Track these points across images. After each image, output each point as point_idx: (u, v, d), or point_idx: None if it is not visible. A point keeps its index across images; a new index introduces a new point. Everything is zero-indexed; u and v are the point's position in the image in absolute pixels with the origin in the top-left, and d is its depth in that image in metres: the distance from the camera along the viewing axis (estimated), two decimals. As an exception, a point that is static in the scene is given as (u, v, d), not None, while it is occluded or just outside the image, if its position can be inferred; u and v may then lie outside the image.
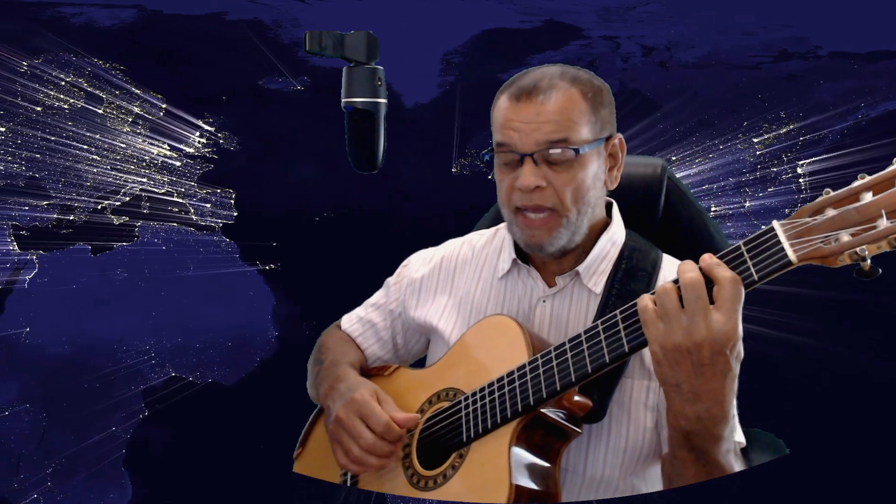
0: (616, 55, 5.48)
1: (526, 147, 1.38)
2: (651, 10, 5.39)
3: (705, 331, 1.09)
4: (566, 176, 1.38)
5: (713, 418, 1.14)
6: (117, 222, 5.34)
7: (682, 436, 1.18)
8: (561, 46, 5.44)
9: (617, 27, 5.43)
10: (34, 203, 5.31)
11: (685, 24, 5.41)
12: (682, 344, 1.10)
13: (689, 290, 1.11)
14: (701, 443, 1.17)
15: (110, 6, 5.34)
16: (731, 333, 1.09)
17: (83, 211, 5.32)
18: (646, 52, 5.51)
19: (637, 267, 1.44)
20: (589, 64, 5.42)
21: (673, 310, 1.12)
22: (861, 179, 1.05)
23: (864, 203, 1.03)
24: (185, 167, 5.36)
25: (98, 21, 5.43)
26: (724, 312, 1.09)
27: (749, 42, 5.46)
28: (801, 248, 1.06)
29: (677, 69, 5.47)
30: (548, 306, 1.48)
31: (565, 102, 1.38)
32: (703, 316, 1.09)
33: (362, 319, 1.74)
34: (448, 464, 1.37)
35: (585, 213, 1.41)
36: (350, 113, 1.41)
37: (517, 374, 1.33)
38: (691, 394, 1.13)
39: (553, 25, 5.45)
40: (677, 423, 1.17)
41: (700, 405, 1.13)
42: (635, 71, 5.50)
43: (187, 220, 5.37)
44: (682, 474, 1.24)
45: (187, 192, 5.36)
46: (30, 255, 5.30)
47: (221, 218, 5.39)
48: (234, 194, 5.39)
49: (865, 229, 1.02)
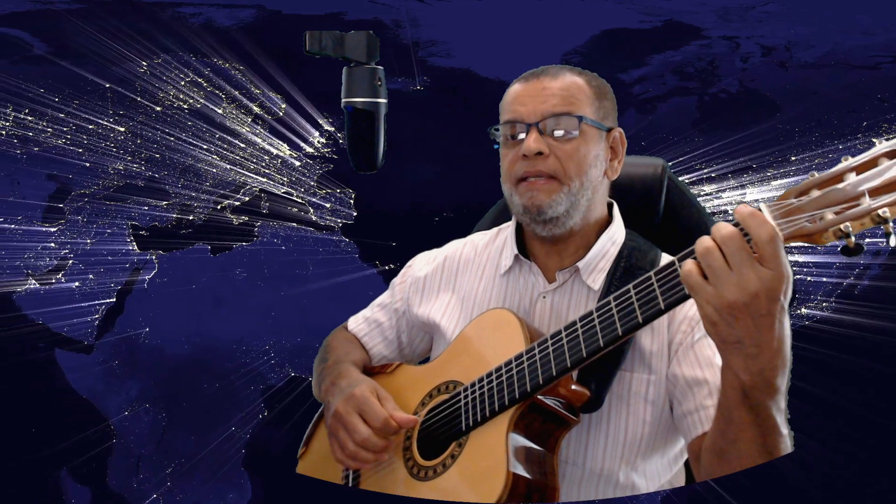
0: (735, 55, 5.47)
1: (532, 117, 1.43)
2: (770, 10, 5.38)
3: (757, 280, 1.07)
4: (569, 147, 1.41)
5: (774, 368, 1.12)
6: (237, 222, 5.34)
7: (742, 394, 1.15)
8: (680, 46, 5.43)
9: (736, 27, 5.42)
10: (154, 203, 5.32)
11: (804, 23, 5.40)
12: (737, 300, 1.08)
13: (730, 243, 1.09)
14: (761, 397, 1.14)
15: (230, 6, 5.36)
16: (782, 277, 1.08)
17: (203, 211, 5.33)
18: (765, 52, 5.50)
19: (636, 266, 1.46)
20: (708, 64, 5.42)
21: (720, 267, 1.09)
22: (846, 161, 1.07)
23: (847, 183, 1.05)
24: (305, 167, 5.36)
25: (217, 21, 5.45)
26: (768, 258, 1.07)
27: (868, 42, 5.44)
28: (787, 227, 1.07)
29: (796, 69, 5.45)
30: (548, 302, 1.50)
31: (571, 83, 1.45)
32: (750, 266, 1.07)
33: (368, 319, 1.75)
34: (447, 453, 1.38)
35: (587, 188, 1.43)
36: (350, 113, 1.43)
37: (514, 363, 1.34)
38: (754, 347, 1.10)
39: (672, 25, 5.44)
40: (738, 379, 1.14)
41: (763, 357, 1.11)
42: (754, 71, 5.49)
43: (307, 220, 5.36)
44: (738, 440, 1.20)
45: (307, 192, 5.36)
46: (149, 255, 5.30)
47: (341, 217, 5.38)
48: (354, 194, 5.38)
49: (849, 207, 1.04)
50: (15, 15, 5.40)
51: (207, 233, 5.32)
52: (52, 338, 5.11)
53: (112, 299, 5.23)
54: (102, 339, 5.18)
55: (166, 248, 5.28)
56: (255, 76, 5.33)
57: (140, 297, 5.27)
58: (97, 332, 5.18)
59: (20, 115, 5.25)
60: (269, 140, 5.37)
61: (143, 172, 5.31)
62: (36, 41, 5.43)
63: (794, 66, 5.49)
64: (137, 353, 5.20)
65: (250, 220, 5.34)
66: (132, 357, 5.19)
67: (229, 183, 5.36)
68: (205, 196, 5.32)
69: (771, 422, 1.16)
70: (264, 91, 5.33)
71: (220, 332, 5.25)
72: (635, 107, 5.52)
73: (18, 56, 5.42)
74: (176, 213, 5.30)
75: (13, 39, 5.41)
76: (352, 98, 1.41)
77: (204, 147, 5.34)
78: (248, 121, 5.37)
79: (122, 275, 5.25)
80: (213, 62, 5.37)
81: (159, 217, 5.30)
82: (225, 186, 5.35)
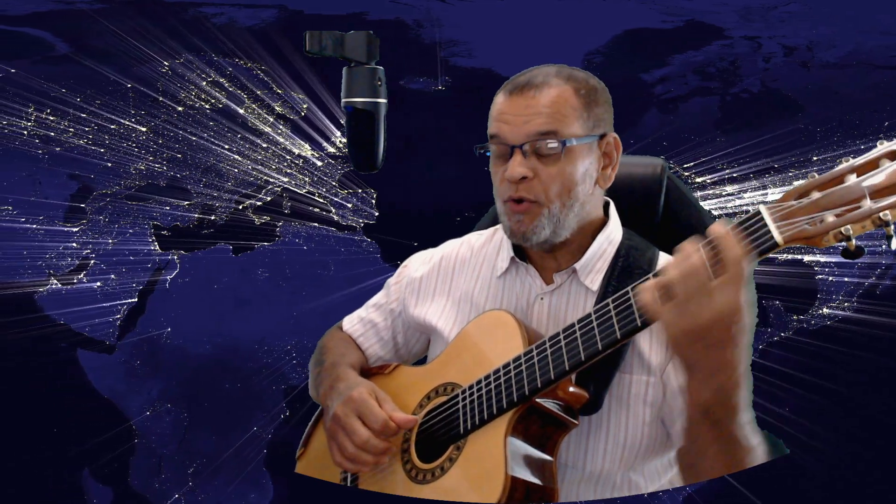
0: (757, 55, 5.47)
1: (515, 139, 1.40)
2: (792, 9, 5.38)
3: (710, 311, 1.11)
4: (554, 169, 1.39)
5: (732, 387, 1.16)
6: (258, 222, 5.34)
7: (702, 410, 1.19)
8: (702, 46, 5.43)
9: (758, 27, 5.42)
10: (175, 203, 5.31)
11: (826, 23, 5.40)
12: (691, 328, 1.13)
13: (690, 275, 1.13)
14: (721, 414, 1.18)
15: (252, 6, 5.36)
16: (735, 308, 1.11)
17: (224, 211, 5.32)
18: (787, 52, 5.50)
19: (634, 265, 1.45)
20: (730, 63, 5.42)
21: (677, 294, 1.14)
22: (845, 162, 1.07)
23: (848, 185, 1.05)
24: (327, 166, 5.36)
25: (239, 21, 5.46)
26: (731, 281, 1.11)
27: (891, 42, 5.44)
28: (787, 230, 1.08)
29: (818, 69, 5.45)
30: (545, 304, 1.49)
31: (556, 97, 1.40)
32: (707, 297, 1.11)
33: (363, 320, 1.74)
34: (445, 456, 1.38)
35: (571, 207, 1.42)
36: (350, 113, 1.43)
37: (512, 365, 1.34)
38: (708, 370, 1.15)
39: (694, 25, 5.45)
40: (698, 396, 1.19)
41: (719, 377, 1.15)
42: (776, 71, 5.49)
43: (329, 220, 5.35)
44: (703, 454, 1.24)
45: (329, 192, 5.36)
46: (171, 255, 5.29)
47: (363, 217, 5.38)
48: (376, 194, 5.38)
49: (850, 210, 1.03)
50: (37, 15, 5.40)
51: (229, 233, 5.32)
52: (74, 338, 5.10)
53: (134, 299, 5.23)
54: (124, 340, 5.18)
55: (188, 247, 5.28)
56: (277, 76, 5.33)
57: (162, 297, 5.26)
58: (119, 332, 5.18)
59: (42, 115, 5.25)
60: (291, 139, 5.37)
61: (164, 172, 5.31)
62: (58, 41, 5.44)
63: (816, 66, 5.49)
64: (159, 353, 5.20)
65: (272, 219, 5.34)
66: (154, 357, 5.19)
67: (251, 183, 5.35)
68: (227, 196, 5.32)
69: (734, 437, 1.20)
70: (286, 90, 5.33)
71: (241, 332, 5.25)
72: (657, 107, 5.52)
73: (40, 56, 5.43)
74: (198, 213, 5.30)
75: (35, 39, 5.41)
76: (352, 98, 1.42)
77: (226, 147, 5.34)
78: (270, 120, 5.37)
79: (144, 275, 5.24)
80: (234, 62, 5.37)
81: (181, 217, 5.30)
82: (247, 186, 5.35)
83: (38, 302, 5.13)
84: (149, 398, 5.13)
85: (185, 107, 5.31)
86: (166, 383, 5.18)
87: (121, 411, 5.07)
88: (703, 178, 5.35)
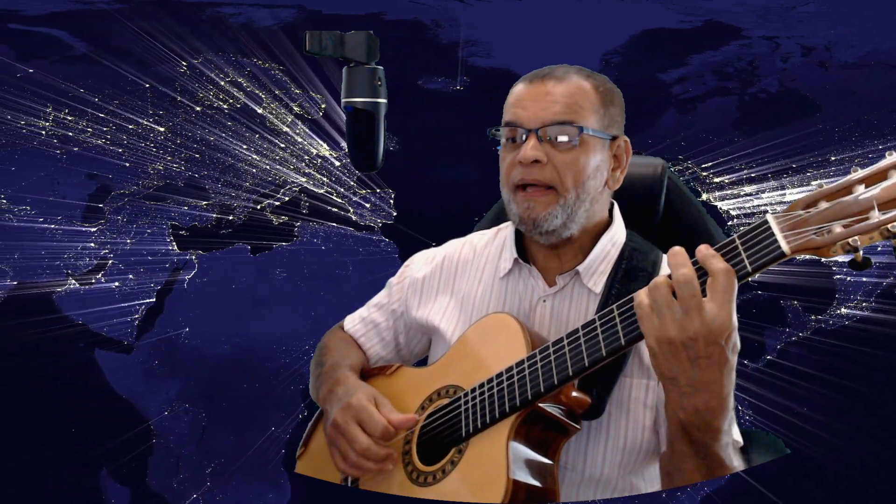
0: (775, 55, 5.47)
1: (532, 123, 1.40)
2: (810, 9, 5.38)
3: (699, 324, 1.09)
4: (568, 156, 1.39)
5: (711, 410, 1.14)
6: (277, 222, 5.33)
7: (681, 428, 1.17)
8: (720, 46, 5.43)
9: (776, 27, 5.42)
10: (193, 203, 5.31)
11: (845, 23, 5.40)
12: (676, 338, 1.11)
13: (683, 285, 1.11)
14: (700, 435, 1.16)
15: (270, 6, 5.37)
16: (726, 325, 1.09)
17: (242, 210, 5.32)
18: (805, 52, 5.50)
19: (637, 267, 1.45)
20: (748, 64, 5.41)
21: (666, 304, 1.12)
22: (854, 172, 1.06)
23: (856, 195, 1.03)
24: (345, 167, 5.35)
25: (258, 21, 5.46)
26: (717, 304, 1.09)
27: (909, 42, 5.45)
28: (794, 240, 1.06)
29: (837, 69, 5.45)
30: (548, 305, 1.49)
31: (576, 90, 1.41)
32: (696, 309, 1.09)
33: (365, 320, 1.74)
34: (447, 459, 1.37)
35: (584, 200, 1.41)
36: (350, 113, 1.44)
37: (515, 370, 1.33)
38: (689, 387, 1.13)
39: (713, 25, 5.45)
40: (676, 415, 1.17)
41: (698, 397, 1.13)
42: (795, 71, 5.49)
43: (347, 220, 5.35)
44: (680, 469, 1.23)
45: (347, 191, 5.35)
46: (189, 255, 5.29)
47: (381, 217, 5.37)
48: (394, 194, 5.37)
49: (858, 221, 1.02)
50: (55, 14, 5.41)
51: (247, 232, 5.31)
52: (93, 338, 5.09)
53: (152, 299, 5.22)
54: (142, 340, 5.17)
55: (206, 247, 5.27)
56: (295, 75, 5.33)
57: (180, 297, 5.25)
58: (137, 332, 5.17)
59: (60, 114, 5.25)
60: (309, 139, 5.36)
61: (182, 172, 5.30)
62: (76, 41, 5.44)
63: (835, 66, 5.49)
64: (177, 353, 5.19)
65: (290, 219, 5.33)
66: (172, 357, 5.18)
67: (269, 182, 5.35)
68: (245, 196, 5.31)
69: (713, 457, 1.19)
70: (305, 90, 5.33)
71: (259, 332, 5.24)
72: (675, 107, 5.52)
73: (58, 56, 5.43)
74: (216, 213, 5.29)
75: (53, 39, 5.42)
76: (352, 98, 1.42)
77: (244, 146, 5.33)
78: (288, 120, 5.36)
79: (162, 275, 5.24)
80: (253, 61, 5.37)
81: (199, 217, 5.29)
82: (265, 186, 5.35)
83: (57, 302, 5.12)
84: (167, 398, 5.12)
85: (204, 106, 5.31)
86: (184, 383, 5.17)
87: (139, 411, 5.06)
88: (721, 179, 5.34)
